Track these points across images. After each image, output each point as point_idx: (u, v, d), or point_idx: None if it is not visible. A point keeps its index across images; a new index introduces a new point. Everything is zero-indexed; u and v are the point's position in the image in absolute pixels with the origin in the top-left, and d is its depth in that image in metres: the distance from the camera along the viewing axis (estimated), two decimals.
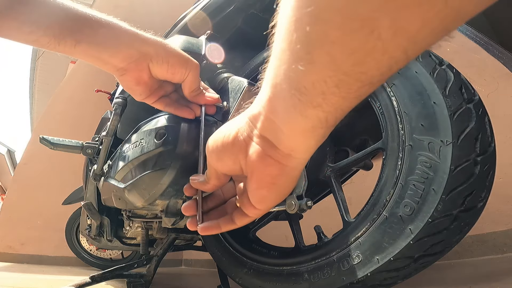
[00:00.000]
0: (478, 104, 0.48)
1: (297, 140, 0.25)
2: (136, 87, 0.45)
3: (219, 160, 0.31)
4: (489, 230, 1.22)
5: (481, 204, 0.46)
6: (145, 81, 0.45)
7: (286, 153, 0.26)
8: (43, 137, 0.97)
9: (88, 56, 0.41)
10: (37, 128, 3.59)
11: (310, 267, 0.58)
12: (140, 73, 0.44)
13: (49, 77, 7.61)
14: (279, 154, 0.26)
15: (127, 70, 0.43)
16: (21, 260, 2.66)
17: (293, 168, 0.28)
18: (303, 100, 0.21)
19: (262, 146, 0.27)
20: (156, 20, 3.02)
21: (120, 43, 0.41)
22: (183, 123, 0.59)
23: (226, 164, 0.30)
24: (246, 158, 0.28)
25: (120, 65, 0.42)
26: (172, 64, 0.44)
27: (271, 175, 0.28)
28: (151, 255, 1.10)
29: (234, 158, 0.29)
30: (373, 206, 0.52)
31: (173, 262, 2.93)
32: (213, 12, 0.78)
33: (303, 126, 0.23)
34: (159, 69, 0.44)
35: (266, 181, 0.28)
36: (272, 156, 0.26)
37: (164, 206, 0.70)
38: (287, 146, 0.26)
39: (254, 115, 0.27)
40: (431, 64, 0.50)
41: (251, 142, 0.27)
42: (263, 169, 0.27)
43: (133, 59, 0.42)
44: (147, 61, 0.43)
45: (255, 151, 0.27)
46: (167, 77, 0.46)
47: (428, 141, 0.47)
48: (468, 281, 0.84)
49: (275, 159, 0.27)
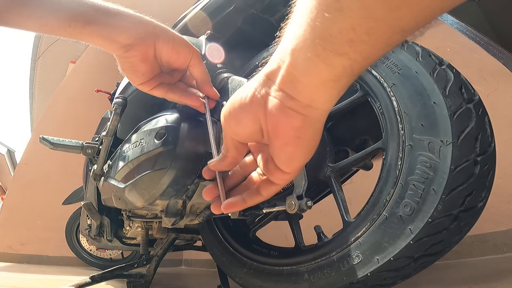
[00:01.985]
0: (478, 104, 0.48)
1: (318, 90, 0.24)
2: (141, 64, 0.45)
3: (238, 123, 0.29)
4: (489, 230, 1.22)
5: (481, 204, 0.46)
6: (151, 59, 0.45)
7: (307, 103, 0.25)
8: (43, 137, 0.97)
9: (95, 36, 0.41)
10: (37, 128, 3.59)
11: (310, 267, 0.58)
12: (147, 49, 0.44)
13: (49, 77, 7.60)
14: (299, 105, 0.25)
15: (134, 45, 0.43)
16: (21, 260, 2.66)
17: (315, 120, 0.26)
18: (328, 48, 0.21)
19: (281, 99, 0.26)
20: (156, 20, 3.02)
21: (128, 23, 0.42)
22: (183, 123, 0.59)
23: (246, 126, 0.29)
24: (266, 115, 0.27)
25: (126, 41, 0.42)
26: (178, 44, 0.45)
27: (295, 127, 0.26)
28: (151, 255, 1.10)
29: (253, 117, 0.28)
30: (373, 206, 0.52)
31: (173, 262, 2.93)
32: (213, 12, 0.78)
33: (326, 75, 0.23)
34: (165, 47, 0.44)
35: (290, 135, 0.27)
36: (292, 107, 0.26)
37: (164, 206, 0.70)
38: (307, 96, 0.25)
39: (272, 70, 0.26)
40: (431, 64, 0.50)
41: (269, 97, 0.27)
42: (285, 122, 0.26)
43: (140, 36, 0.43)
44: (154, 39, 0.43)
45: (274, 105, 0.26)
46: (172, 56, 0.45)
47: (428, 141, 0.47)
48: (468, 281, 0.84)
49: (296, 111, 0.26)
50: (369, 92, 0.59)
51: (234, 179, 0.37)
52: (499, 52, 0.61)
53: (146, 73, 0.46)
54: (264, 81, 0.27)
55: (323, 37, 0.21)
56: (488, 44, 0.61)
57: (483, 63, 1.34)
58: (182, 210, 0.72)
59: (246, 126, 0.29)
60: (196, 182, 0.63)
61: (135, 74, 0.46)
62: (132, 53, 0.43)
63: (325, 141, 0.68)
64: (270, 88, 0.27)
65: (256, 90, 0.28)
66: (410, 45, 0.55)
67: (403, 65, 0.53)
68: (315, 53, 0.22)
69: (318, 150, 0.64)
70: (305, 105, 0.25)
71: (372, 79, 0.57)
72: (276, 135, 0.27)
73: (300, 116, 0.26)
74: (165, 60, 0.46)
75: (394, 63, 0.55)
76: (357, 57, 0.21)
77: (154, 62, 0.45)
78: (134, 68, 0.45)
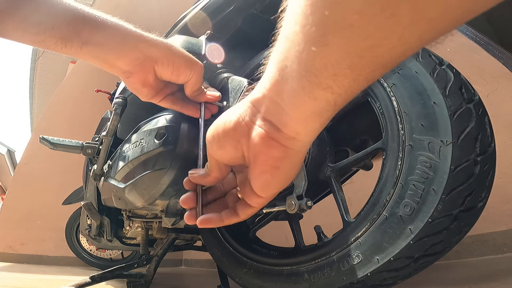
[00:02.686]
0: (478, 104, 0.48)
1: (303, 122, 0.24)
2: (142, 89, 0.46)
3: (220, 147, 0.30)
4: (489, 230, 1.22)
5: (481, 204, 0.46)
6: (151, 83, 0.46)
7: (291, 136, 0.26)
8: (43, 137, 0.97)
9: (94, 58, 0.41)
10: (37, 128, 3.59)
11: (310, 267, 0.58)
12: (146, 75, 0.44)
13: (49, 77, 7.61)
14: (283, 137, 0.26)
15: (133, 72, 0.43)
16: (21, 260, 2.66)
17: (297, 151, 0.27)
18: (314, 82, 0.21)
19: (266, 129, 0.26)
20: (156, 20, 3.02)
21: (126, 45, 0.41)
22: (183, 123, 0.59)
23: (228, 151, 0.29)
24: (249, 142, 0.27)
25: (126, 68, 0.43)
26: (178, 66, 0.45)
27: (275, 158, 0.27)
28: (151, 255, 1.10)
29: (236, 144, 0.28)
30: (373, 206, 0.52)
31: (173, 262, 2.93)
32: (213, 12, 0.78)
33: (311, 108, 0.23)
34: (164, 71, 0.45)
35: (269, 165, 0.27)
36: (276, 139, 0.26)
37: (164, 206, 0.70)
38: (292, 129, 0.25)
39: (257, 99, 0.26)
40: (431, 64, 0.50)
41: (253, 126, 0.27)
42: (266, 152, 0.27)
43: (139, 61, 0.42)
44: (153, 64, 0.43)
45: (258, 134, 0.26)
46: (172, 78, 0.46)
47: (428, 141, 0.47)
48: (468, 281, 0.84)
49: (279, 142, 0.26)
50: (369, 92, 0.59)
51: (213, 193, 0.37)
52: (499, 52, 0.61)
53: (149, 93, 0.47)
54: (249, 108, 0.27)
55: (308, 70, 0.21)
56: (488, 44, 0.61)
57: (483, 63, 1.34)
58: (182, 210, 0.72)
59: (228, 151, 0.30)
60: None
61: (139, 94, 0.48)
62: (132, 80, 0.44)
63: (325, 141, 0.68)
64: (255, 116, 0.27)
65: (240, 117, 0.28)
66: None
67: (403, 65, 0.53)
68: (300, 85, 0.22)
69: (318, 150, 0.64)
70: (289, 137, 0.26)
71: None
72: (255, 163, 0.28)
73: (282, 148, 0.26)
74: (167, 80, 0.47)
75: None
76: (340, 91, 0.21)
77: (154, 83, 0.46)
78: (138, 90, 0.47)
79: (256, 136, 0.27)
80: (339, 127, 0.76)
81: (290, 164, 0.28)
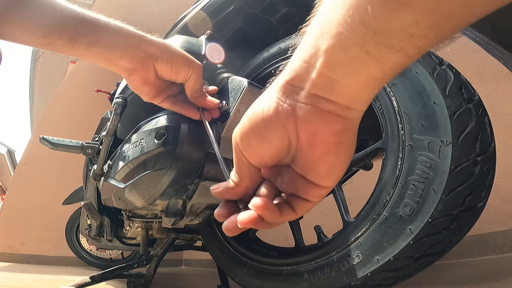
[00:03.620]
0: (478, 104, 0.48)
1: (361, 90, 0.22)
2: (143, 87, 0.48)
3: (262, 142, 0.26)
4: (489, 230, 1.22)
5: (481, 204, 0.46)
6: (152, 81, 0.47)
7: (346, 105, 0.23)
8: (43, 137, 0.97)
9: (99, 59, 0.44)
10: (37, 128, 3.59)
11: (310, 267, 0.58)
12: (147, 73, 0.46)
13: (49, 77, 7.61)
14: (339, 108, 0.23)
15: (135, 70, 0.45)
16: (21, 260, 2.66)
17: (354, 122, 0.24)
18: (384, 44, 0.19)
19: (317, 103, 0.23)
20: (156, 20, 3.02)
21: (128, 45, 0.44)
22: (183, 123, 0.59)
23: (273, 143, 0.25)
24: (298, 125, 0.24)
25: (128, 66, 0.45)
26: (176, 64, 0.47)
27: (336, 133, 0.24)
28: (151, 255, 1.10)
29: (281, 131, 0.25)
30: (373, 206, 0.52)
31: (173, 262, 2.93)
32: (213, 12, 0.78)
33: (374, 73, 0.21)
34: (164, 68, 0.46)
35: (332, 141, 0.24)
36: (332, 111, 0.23)
37: (164, 206, 0.70)
38: (348, 98, 0.23)
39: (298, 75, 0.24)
40: (431, 64, 0.50)
41: (300, 105, 0.24)
42: (325, 128, 0.24)
43: (140, 59, 0.45)
44: (153, 61, 0.45)
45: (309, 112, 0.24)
46: (171, 76, 0.48)
47: (428, 141, 0.47)
48: (468, 281, 0.84)
49: (336, 114, 0.23)
50: None
51: None
52: (499, 52, 0.61)
53: (151, 92, 0.49)
54: (286, 89, 0.24)
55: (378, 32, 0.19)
56: (488, 44, 0.60)
57: (483, 63, 1.34)
58: (182, 210, 0.72)
59: (272, 143, 0.25)
60: (196, 182, 0.63)
61: (140, 93, 0.50)
62: (134, 77, 0.46)
63: None
64: (298, 95, 0.24)
65: (279, 100, 0.25)
66: None
67: None
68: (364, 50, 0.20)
69: None
70: (345, 107, 0.23)
71: None
72: (314, 145, 0.24)
73: (340, 119, 0.23)
74: (167, 78, 0.48)
75: None
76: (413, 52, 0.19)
77: (156, 82, 0.48)
78: (139, 89, 0.48)
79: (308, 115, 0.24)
80: None
81: (351, 137, 0.25)
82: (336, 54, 0.21)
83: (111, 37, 0.43)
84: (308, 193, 0.27)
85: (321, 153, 0.25)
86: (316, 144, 0.24)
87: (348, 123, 0.24)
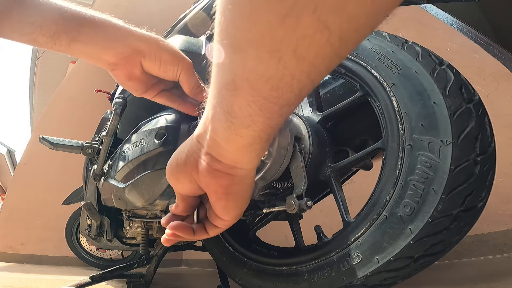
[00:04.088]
0: (478, 104, 0.48)
1: (238, 154, 0.27)
2: (127, 83, 0.46)
3: (178, 182, 0.32)
4: (489, 230, 1.22)
5: (481, 204, 0.46)
6: (137, 76, 0.45)
7: (231, 165, 0.28)
8: (43, 137, 0.97)
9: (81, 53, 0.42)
10: (37, 128, 3.59)
11: (310, 267, 0.58)
12: (132, 68, 0.44)
13: (49, 77, 7.61)
14: (225, 167, 0.28)
15: (118, 65, 0.44)
16: (21, 260, 2.66)
17: (243, 177, 0.30)
18: (235, 122, 0.24)
19: (209, 162, 0.29)
20: (156, 20, 3.02)
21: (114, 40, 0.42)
22: (183, 123, 0.59)
23: (185, 184, 0.32)
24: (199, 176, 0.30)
25: (111, 60, 0.43)
26: (165, 61, 0.45)
27: (223, 186, 0.30)
28: (151, 255, 1.10)
29: (189, 177, 0.31)
30: (373, 206, 0.52)
31: (173, 262, 2.93)
32: (213, 12, 0.78)
33: (241, 143, 0.25)
34: (151, 65, 0.45)
35: (221, 192, 0.30)
36: (219, 169, 0.29)
37: (164, 206, 0.70)
38: (230, 159, 0.28)
39: (200, 134, 0.29)
40: (431, 64, 0.50)
41: (199, 160, 0.30)
42: (215, 182, 0.29)
43: (125, 55, 0.43)
44: (140, 58, 0.44)
45: (204, 167, 0.29)
46: (160, 74, 0.46)
47: (428, 141, 0.47)
48: (468, 281, 0.84)
49: (222, 171, 0.29)
50: (369, 92, 0.59)
51: None
52: (499, 52, 0.61)
53: (139, 88, 0.47)
54: (195, 143, 0.30)
55: (228, 111, 0.23)
56: (488, 44, 0.61)
57: (483, 63, 1.34)
58: None
59: (185, 184, 0.32)
60: None
61: (128, 88, 0.48)
62: (117, 72, 0.45)
63: (325, 141, 0.68)
64: (200, 151, 0.29)
65: (189, 152, 0.30)
66: (410, 45, 0.55)
67: (403, 65, 0.53)
68: (226, 125, 0.24)
69: (318, 150, 0.64)
70: (230, 166, 0.28)
71: (372, 79, 0.57)
72: (209, 193, 0.31)
73: (227, 176, 0.29)
74: (156, 75, 0.47)
75: (394, 63, 0.55)
76: (260, 128, 0.24)
77: (143, 77, 0.46)
78: (124, 84, 0.47)
79: (203, 169, 0.29)
80: (339, 127, 0.76)
81: (239, 188, 0.31)
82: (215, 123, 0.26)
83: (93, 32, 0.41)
84: (215, 221, 0.34)
85: (214, 199, 0.31)
86: (210, 192, 0.31)
87: (235, 179, 0.29)
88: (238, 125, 0.24)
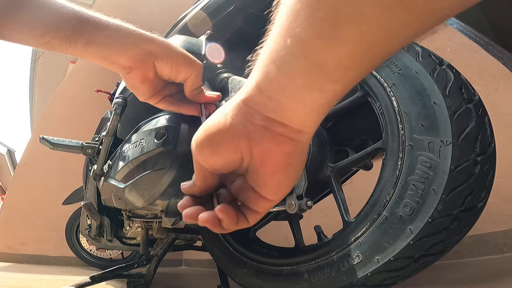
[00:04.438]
0: (478, 104, 0.48)
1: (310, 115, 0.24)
2: (141, 86, 0.47)
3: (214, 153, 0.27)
4: (489, 230, 1.22)
5: (481, 204, 0.46)
6: (151, 79, 0.46)
7: (298, 129, 0.25)
8: (43, 137, 0.97)
9: (96, 57, 0.43)
10: (37, 128, 3.59)
11: (310, 267, 0.58)
12: (146, 71, 0.45)
13: (49, 77, 7.61)
14: (290, 131, 0.25)
15: (133, 68, 0.44)
16: (21, 260, 2.66)
17: (304, 143, 0.26)
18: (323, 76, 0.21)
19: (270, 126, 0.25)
20: (156, 20, 3.02)
21: (127, 43, 0.43)
22: (183, 123, 0.59)
23: (224, 156, 0.27)
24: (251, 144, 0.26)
25: (126, 63, 0.44)
26: (177, 63, 0.46)
27: (286, 154, 0.26)
28: (151, 255, 1.10)
29: (234, 145, 0.26)
30: (373, 206, 0.52)
31: (173, 262, 2.93)
32: (213, 12, 0.78)
33: (318, 101, 0.23)
34: (164, 67, 0.45)
35: (282, 162, 0.26)
36: (284, 134, 0.25)
37: (164, 206, 0.70)
38: (298, 122, 0.25)
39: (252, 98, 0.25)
40: (431, 64, 0.50)
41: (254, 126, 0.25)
42: (277, 149, 0.26)
43: (139, 57, 0.44)
44: (153, 60, 0.44)
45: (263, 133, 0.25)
46: (172, 75, 0.47)
47: (428, 141, 0.47)
48: (468, 281, 0.84)
49: (288, 137, 0.25)
50: (369, 92, 0.59)
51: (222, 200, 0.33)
52: (499, 52, 0.61)
53: (148, 92, 0.48)
54: (242, 108, 0.26)
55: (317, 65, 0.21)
56: (488, 44, 0.60)
57: (483, 63, 1.34)
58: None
59: (224, 155, 0.27)
60: None
61: (137, 92, 0.48)
62: (132, 75, 0.45)
63: (325, 141, 0.68)
64: (253, 116, 0.25)
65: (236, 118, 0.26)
66: (410, 45, 0.55)
67: (403, 65, 0.53)
68: (307, 80, 0.22)
69: (318, 150, 0.64)
70: (296, 130, 0.25)
71: (372, 79, 0.57)
72: (265, 164, 0.26)
73: (292, 142, 0.25)
74: (167, 77, 0.47)
75: (394, 63, 0.55)
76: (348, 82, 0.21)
77: (155, 80, 0.47)
78: (136, 88, 0.47)
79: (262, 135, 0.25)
80: (339, 127, 0.76)
81: (300, 158, 0.27)
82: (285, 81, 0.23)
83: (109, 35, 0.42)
84: (257, 204, 0.29)
85: (271, 171, 0.27)
86: (267, 163, 0.26)
87: (299, 146, 0.26)
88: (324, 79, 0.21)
